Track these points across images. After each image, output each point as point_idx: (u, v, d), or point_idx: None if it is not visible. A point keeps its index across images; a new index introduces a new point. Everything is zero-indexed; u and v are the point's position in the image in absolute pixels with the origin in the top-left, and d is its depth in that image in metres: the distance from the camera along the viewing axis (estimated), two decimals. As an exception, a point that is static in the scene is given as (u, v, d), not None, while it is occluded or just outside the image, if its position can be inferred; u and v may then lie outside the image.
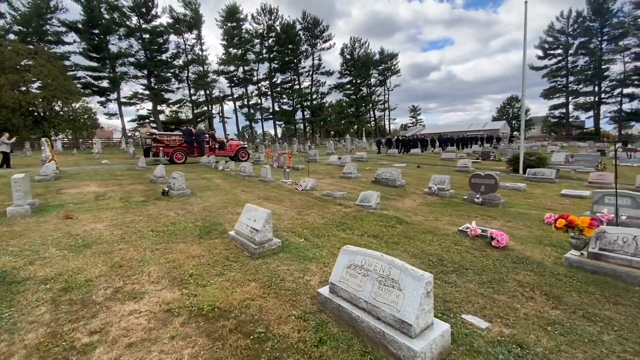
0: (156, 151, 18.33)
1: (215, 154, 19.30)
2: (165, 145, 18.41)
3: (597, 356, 2.31)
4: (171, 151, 18.29)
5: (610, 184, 10.76)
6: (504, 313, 2.89)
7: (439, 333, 2.32)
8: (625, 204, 5.93)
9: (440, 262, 4.10)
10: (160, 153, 18.17)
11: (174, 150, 18.34)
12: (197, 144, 18.95)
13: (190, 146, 18.80)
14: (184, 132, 19.67)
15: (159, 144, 18.41)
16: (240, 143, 21.97)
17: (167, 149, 18.33)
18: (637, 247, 3.61)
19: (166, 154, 18.30)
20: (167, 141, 18.58)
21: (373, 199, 7.07)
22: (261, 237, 4.39)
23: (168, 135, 19.61)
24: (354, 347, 2.43)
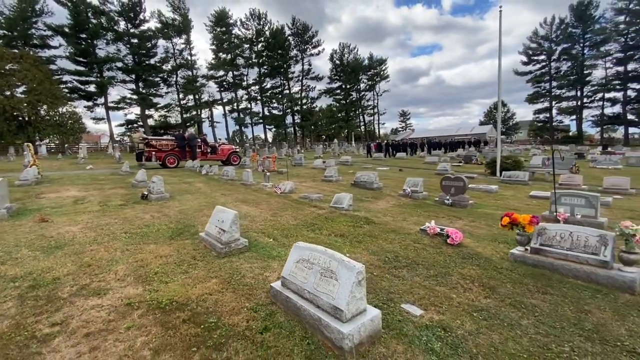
0: (148, 156, 18.45)
1: (207, 158, 19.50)
2: (157, 149, 18.57)
3: (511, 337, 2.59)
4: (163, 155, 18.46)
5: (579, 185, 11.26)
6: (440, 302, 3.15)
7: (369, 318, 2.57)
8: (580, 203, 6.31)
9: (395, 259, 4.36)
10: (152, 157, 18.31)
11: (166, 155, 18.52)
12: (189, 148, 19.15)
13: (182, 151, 18.99)
14: (176, 137, 19.88)
15: (151, 148, 18.56)
16: (233, 147, 22.27)
17: (160, 154, 18.50)
18: (573, 242, 3.93)
19: (158, 158, 18.45)
20: (159, 146, 18.74)
21: (345, 200, 7.33)
22: (228, 238, 4.60)
23: (160, 140, 19.74)
24: (295, 333, 2.66)
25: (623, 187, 10.36)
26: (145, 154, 18.58)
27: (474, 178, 14.04)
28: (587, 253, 3.75)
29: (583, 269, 3.70)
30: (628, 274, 3.45)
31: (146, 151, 18.59)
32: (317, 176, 14.25)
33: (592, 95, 55.47)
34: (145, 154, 18.58)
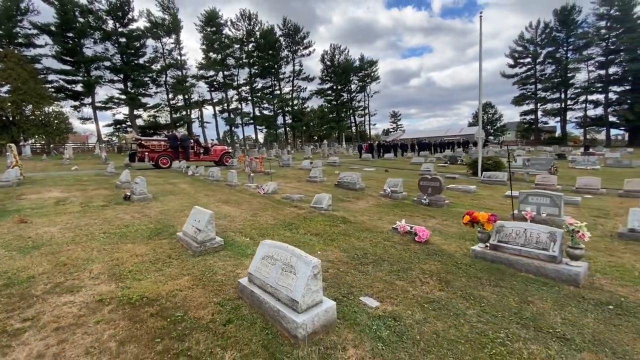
0: (141, 156, 18.50)
1: (199, 159, 19.63)
2: (150, 150, 18.69)
3: (454, 325, 2.81)
4: (156, 156, 18.59)
5: (554, 185, 11.66)
6: (396, 295, 3.37)
7: (324, 309, 2.76)
8: (545, 202, 6.62)
9: (364, 255, 4.57)
10: (145, 158, 18.35)
11: (159, 155, 18.65)
12: (182, 149, 19.33)
13: (175, 151, 19.14)
14: (169, 138, 20.04)
15: (144, 149, 18.64)
16: (225, 148, 22.51)
17: (152, 154, 18.62)
18: (526, 239, 4.19)
19: (151, 159, 18.55)
20: (152, 146, 18.88)
21: (325, 201, 7.53)
22: (203, 237, 4.75)
23: (153, 141, 19.84)
24: (257, 325, 2.84)
25: (594, 187, 10.79)
26: (138, 154, 18.63)
27: (456, 178, 14.39)
28: (538, 249, 4.01)
29: (534, 264, 3.96)
30: (574, 268, 3.71)
31: (139, 152, 18.65)
32: (303, 177, 14.42)
33: (576, 98, 56.87)
34: (138, 155, 18.62)
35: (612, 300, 3.26)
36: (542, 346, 2.50)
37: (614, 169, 20.06)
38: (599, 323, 2.85)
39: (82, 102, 44.87)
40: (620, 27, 49.74)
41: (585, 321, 2.87)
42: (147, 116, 52.24)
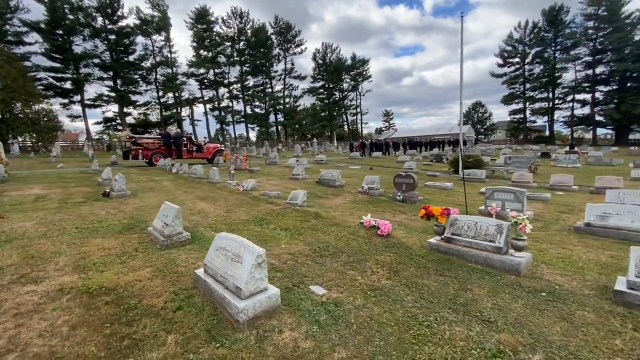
0: (135, 154, 18.70)
1: (192, 156, 19.85)
2: (144, 148, 18.92)
3: (389, 310, 3.01)
4: (150, 154, 18.85)
5: (529, 182, 11.99)
6: (344, 283, 3.56)
7: (267, 296, 2.94)
8: (509, 198, 6.87)
9: (325, 248, 4.76)
10: (139, 155, 18.56)
11: (153, 153, 18.93)
12: (175, 146, 19.61)
13: (168, 149, 19.40)
14: (162, 136, 20.29)
15: (138, 146, 18.86)
16: (218, 146, 22.86)
17: (146, 152, 18.86)
18: (476, 231, 4.41)
19: (145, 156, 18.77)
20: (146, 144, 19.13)
21: (299, 197, 7.71)
22: (170, 231, 4.90)
23: (147, 139, 20.14)
24: (205, 311, 3.01)
25: (567, 184, 11.12)
26: (132, 152, 18.84)
27: (437, 176, 14.68)
28: (487, 241, 4.23)
29: (482, 255, 4.18)
30: (516, 259, 3.94)
31: (133, 149, 18.86)
32: (287, 174, 14.57)
33: (563, 97, 57.77)
34: (132, 152, 18.83)
35: (547, 288, 3.49)
36: (464, 328, 2.71)
37: (595, 167, 20.55)
38: (526, 308, 3.07)
39: (71, 99, 44.49)
40: (607, 27, 50.56)
41: (513, 306, 3.09)
42: (137, 114, 51.92)
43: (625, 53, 48.23)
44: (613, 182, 10.19)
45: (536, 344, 2.49)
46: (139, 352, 2.42)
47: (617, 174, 13.33)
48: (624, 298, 3.12)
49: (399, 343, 2.49)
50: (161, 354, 2.40)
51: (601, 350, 2.42)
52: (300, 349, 2.43)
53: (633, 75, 49.16)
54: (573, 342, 2.52)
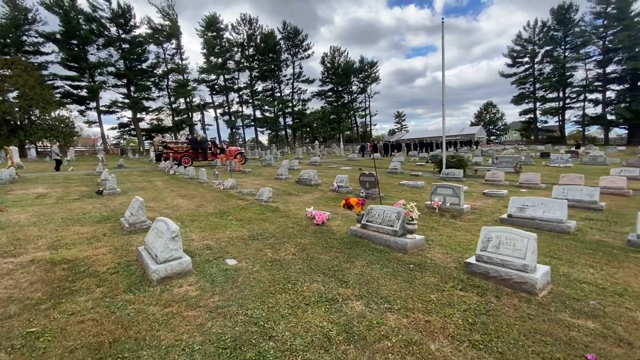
0: (167, 156, 21.26)
1: (216, 158, 21.61)
2: (174, 151, 21.52)
3: (273, 274, 3.80)
4: (179, 156, 21.22)
5: (501, 181, 12.48)
6: (254, 257, 4.38)
7: (179, 262, 3.79)
8: (449, 193, 7.52)
9: (261, 234, 5.58)
10: (170, 158, 20.93)
11: (182, 156, 21.30)
12: (201, 150, 22.08)
13: (195, 152, 21.86)
14: (190, 141, 23.18)
15: (169, 150, 21.57)
16: (239, 149, 25.45)
17: (176, 155, 21.33)
18: (383, 218, 5.15)
19: (175, 158, 21.14)
20: (176, 148, 21.87)
21: (265, 194, 8.56)
22: (134, 219, 5.83)
23: (177, 143, 23.18)
24: (135, 275, 3.88)
25: (534, 182, 11.55)
26: (164, 155, 21.46)
27: (419, 175, 15.29)
28: (389, 225, 4.97)
29: (384, 237, 4.92)
30: (407, 240, 4.66)
31: (165, 153, 21.54)
32: (274, 175, 15.45)
33: (575, 97, 56.72)
34: (164, 156, 21.44)
35: (419, 262, 4.20)
36: (320, 285, 3.48)
37: (588, 166, 20.61)
38: (385, 274, 3.80)
39: (87, 106, 46.90)
40: (617, 25, 49.51)
41: (374, 273, 3.83)
42: (150, 119, 54.11)
43: (636, 51, 47.14)
44: (575, 180, 10.61)
45: (366, 295, 3.24)
46: (72, 297, 3.31)
47: (603, 172, 13.63)
48: (471, 268, 3.82)
49: (261, 293, 3.30)
50: (88, 297, 3.29)
51: (412, 299, 3.16)
52: (187, 296, 3.27)
53: (644, 73, 48.09)
54: (397, 294, 3.27)
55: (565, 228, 5.67)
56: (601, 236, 5.50)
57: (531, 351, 2.39)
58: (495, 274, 3.57)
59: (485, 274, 3.66)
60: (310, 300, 3.14)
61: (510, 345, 2.46)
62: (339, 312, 2.92)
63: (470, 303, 3.11)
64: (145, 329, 2.69)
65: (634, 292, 3.38)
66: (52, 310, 3.03)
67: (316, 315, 2.87)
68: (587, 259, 4.38)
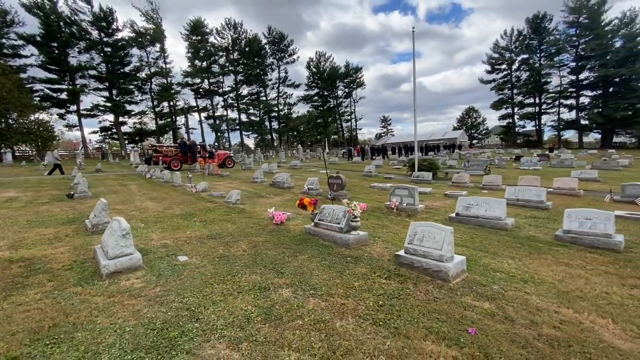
0: (156, 160, 21.50)
1: (205, 162, 21.65)
2: (164, 155, 21.72)
3: (217, 267, 4.11)
4: (169, 160, 21.31)
5: (466, 182, 13.07)
6: (205, 254, 4.67)
7: (129, 258, 4.06)
8: (405, 194, 7.96)
9: (220, 234, 5.87)
10: (160, 161, 21.09)
11: (171, 159, 21.37)
12: (190, 153, 22.19)
13: (184, 156, 21.98)
14: (179, 144, 23.36)
15: (159, 154, 21.79)
16: (227, 153, 25.67)
17: (166, 158, 21.50)
18: (333, 217, 5.52)
19: (164, 162, 21.30)
20: (165, 152, 22.06)
21: (234, 196, 8.84)
22: (97, 220, 6.03)
23: (166, 147, 23.32)
24: (87, 271, 4.12)
25: (496, 183, 12.17)
26: (154, 158, 21.69)
27: (392, 178, 15.77)
28: (336, 223, 5.34)
29: (331, 234, 5.28)
30: (350, 236, 5.04)
31: (154, 156, 21.80)
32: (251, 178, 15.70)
33: (550, 102, 58.87)
34: (154, 159, 21.69)
35: (358, 255, 4.57)
36: (258, 276, 3.81)
37: (556, 168, 21.54)
38: (320, 266, 4.15)
39: (67, 109, 46.07)
40: (589, 34, 51.79)
41: (311, 266, 4.18)
42: (132, 123, 53.52)
43: (607, 59, 49.42)
44: (532, 181, 11.25)
45: (296, 284, 3.59)
46: (23, 290, 3.54)
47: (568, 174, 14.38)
48: (399, 259, 4.21)
49: (200, 284, 3.60)
50: (38, 291, 3.52)
51: (337, 287, 3.52)
52: (132, 287, 3.54)
53: (614, 80, 50.47)
54: (325, 283, 3.62)
55: (504, 225, 6.16)
56: (535, 232, 6.00)
57: (422, 326, 2.77)
58: (419, 264, 3.97)
59: (411, 264, 4.06)
60: (244, 289, 3.46)
61: (406, 322, 2.84)
62: (267, 298, 3.25)
63: (387, 289, 3.49)
64: (84, 315, 2.96)
65: (538, 279, 3.82)
66: (1, 302, 3.26)
67: (244, 301, 3.20)
68: (512, 251, 4.84)
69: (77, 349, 2.45)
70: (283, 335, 2.61)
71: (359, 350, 2.43)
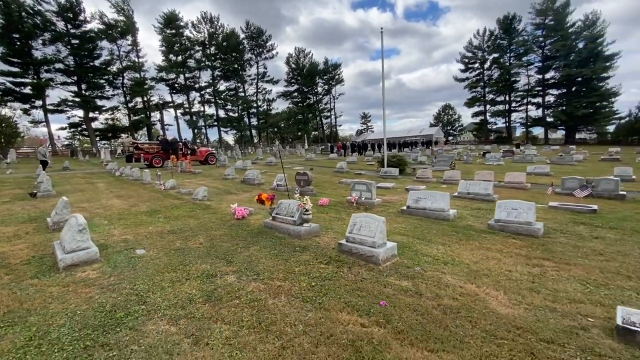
0: (137, 157, 21.12)
1: (187, 159, 21.49)
2: (145, 152, 21.49)
3: (172, 259, 4.42)
4: (150, 157, 21.17)
5: (429, 178, 13.79)
6: (163, 247, 4.96)
7: (86, 251, 4.31)
8: (364, 189, 8.47)
9: (181, 229, 6.15)
10: (141, 159, 20.81)
11: (153, 157, 21.25)
12: (172, 150, 21.75)
13: (166, 153, 21.59)
14: (161, 142, 23.09)
15: (140, 151, 21.47)
16: (210, 149, 25.80)
17: (147, 155, 21.31)
18: (288, 211, 5.91)
19: (146, 159, 21.05)
20: (146, 149, 21.82)
21: (200, 192, 9.07)
22: (58, 218, 6.17)
23: (147, 144, 23.08)
24: (45, 265, 4.33)
25: (455, 178, 12.93)
26: (135, 156, 21.31)
27: (362, 174, 16.35)
28: (290, 216, 5.74)
29: (286, 227, 5.68)
30: (301, 228, 5.45)
31: (135, 154, 21.44)
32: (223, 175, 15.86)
33: (519, 100, 61.59)
34: (135, 156, 21.31)
35: (306, 245, 5.00)
36: (208, 265, 4.17)
37: (518, 164, 22.82)
38: (268, 255, 4.54)
39: (32, 104, 44.02)
40: (554, 36, 54.47)
41: (259, 254, 4.57)
42: (104, 119, 51.78)
43: (570, 59, 52.19)
44: (486, 176, 12.07)
45: (242, 271, 3.97)
46: (-21, 284, 3.73)
47: (523, 169, 15.42)
48: (341, 247, 4.67)
49: (153, 273, 3.92)
50: (-6, 284, 3.73)
51: (279, 272, 3.93)
52: (87, 278, 3.82)
53: (577, 79, 53.35)
54: (269, 269, 4.02)
55: (446, 215, 6.75)
56: (473, 222, 6.63)
57: (342, 301, 3.22)
58: (356, 251, 4.44)
59: (350, 251, 4.52)
60: (192, 276, 3.81)
61: (330, 298, 3.29)
62: (212, 283, 3.62)
63: (323, 273, 3.93)
64: (39, 303, 3.23)
65: (458, 261, 4.37)
66: (-43, 294, 3.46)
67: (191, 286, 3.55)
68: (445, 239, 5.41)
69: (29, 330, 2.74)
70: (219, 312, 2.99)
71: (282, 321, 2.85)
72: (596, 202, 8.35)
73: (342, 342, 2.55)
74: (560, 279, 3.80)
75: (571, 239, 5.34)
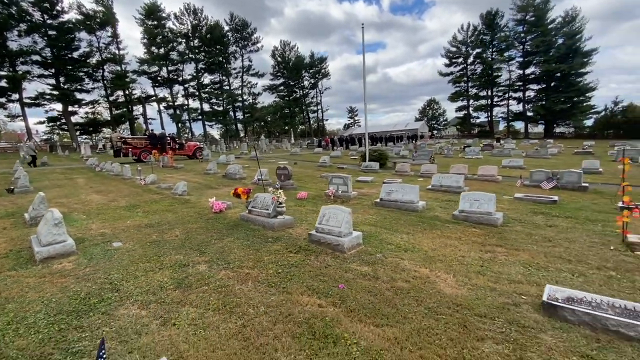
0: (125, 152, 21.03)
1: (175, 153, 21.60)
2: (133, 147, 21.41)
3: (147, 250, 4.62)
4: (138, 152, 21.15)
5: (407, 172, 14.21)
6: (139, 240, 5.14)
7: (62, 245, 4.45)
8: (340, 182, 8.76)
9: (159, 223, 6.31)
10: (129, 154, 20.78)
11: (141, 151, 21.19)
12: (160, 145, 21.77)
13: (154, 147, 21.45)
14: (149, 136, 23.16)
15: (128, 146, 21.35)
16: (197, 144, 25.79)
17: (135, 150, 21.27)
18: (262, 204, 6.15)
19: (134, 154, 21.06)
20: (134, 143, 21.76)
21: (180, 187, 9.20)
22: (35, 213, 6.24)
23: (136, 139, 23.04)
24: (23, 258, 4.46)
25: (431, 172, 13.36)
26: (123, 150, 21.19)
27: (344, 168, 16.66)
28: (265, 209, 5.98)
29: (261, 220, 5.92)
30: (275, 220, 5.71)
31: (124, 148, 21.28)
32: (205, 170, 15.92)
33: (501, 95, 62.97)
34: (123, 151, 21.18)
35: (279, 235, 5.25)
36: (182, 256, 4.38)
37: (496, 157, 23.53)
38: (240, 246, 4.78)
39: (8, 98, 42.53)
40: (535, 32, 55.65)
41: (231, 245, 4.81)
42: (84, 112, 50.47)
43: (550, 55, 53.56)
44: (460, 169, 12.56)
45: (214, 260, 4.20)
46: (-45, 277, 3.86)
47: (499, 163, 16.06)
48: (311, 237, 4.95)
49: (127, 264, 4.12)
50: (-30, 277, 3.86)
51: (249, 261, 4.18)
52: (63, 269, 3.99)
53: (556, 75, 54.77)
54: (240, 258, 4.27)
55: (415, 207, 7.11)
56: (440, 213, 7.01)
57: (305, 286, 3.50)
58: (324, 240, 4.73)
59: (318, 240, 4.81)
60: (165, 266, 4.03)
61: (293, 283, 3.56)
62: (183, 272, 3.85)
63: (291, 261, 4.20)
64: (16, 292, 3.39)
65: (417, 248, 4.71)
66: None
67: (163, 275, 3.77)
68: (410, 228, 5.76)
69: (7, 315, 2.92)
70: (188, 297, 3.23)
71: (246, 303, 3.11)
72: (560, 194, 8.87)
73: (299, 320, 2.83)
74: (506, 262, 4.18)
75: (526, 228, 5.77)
